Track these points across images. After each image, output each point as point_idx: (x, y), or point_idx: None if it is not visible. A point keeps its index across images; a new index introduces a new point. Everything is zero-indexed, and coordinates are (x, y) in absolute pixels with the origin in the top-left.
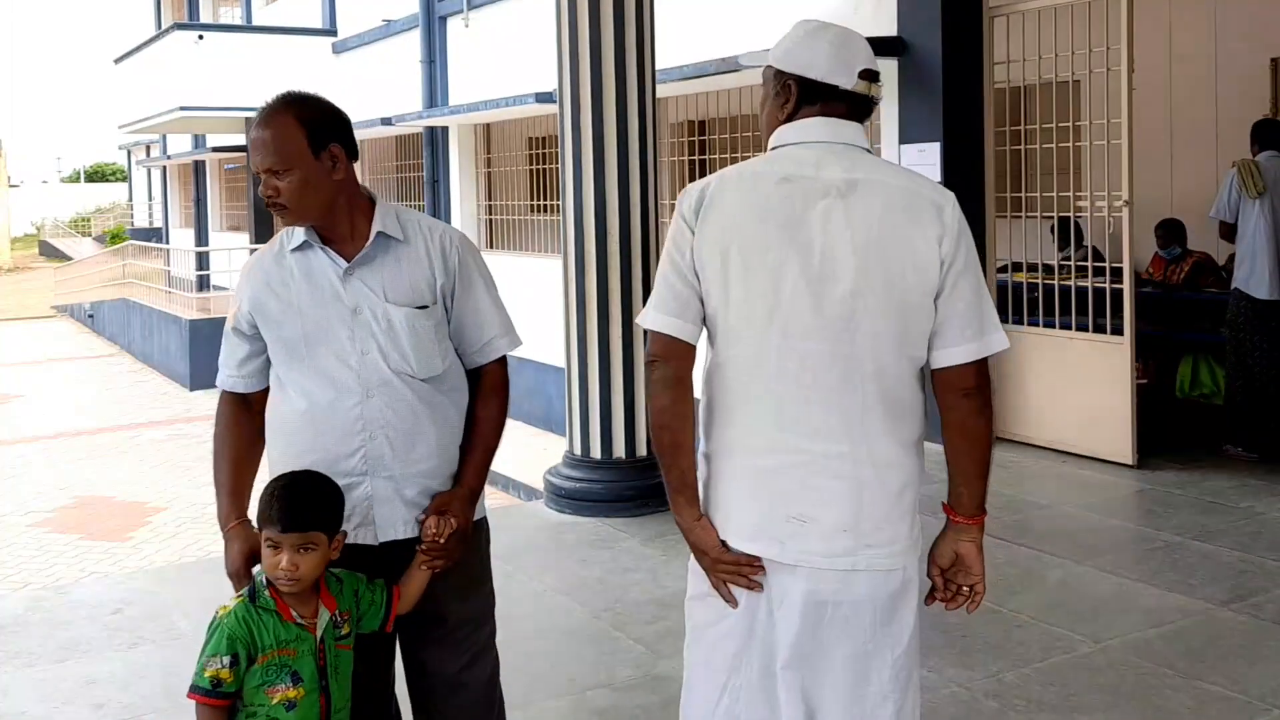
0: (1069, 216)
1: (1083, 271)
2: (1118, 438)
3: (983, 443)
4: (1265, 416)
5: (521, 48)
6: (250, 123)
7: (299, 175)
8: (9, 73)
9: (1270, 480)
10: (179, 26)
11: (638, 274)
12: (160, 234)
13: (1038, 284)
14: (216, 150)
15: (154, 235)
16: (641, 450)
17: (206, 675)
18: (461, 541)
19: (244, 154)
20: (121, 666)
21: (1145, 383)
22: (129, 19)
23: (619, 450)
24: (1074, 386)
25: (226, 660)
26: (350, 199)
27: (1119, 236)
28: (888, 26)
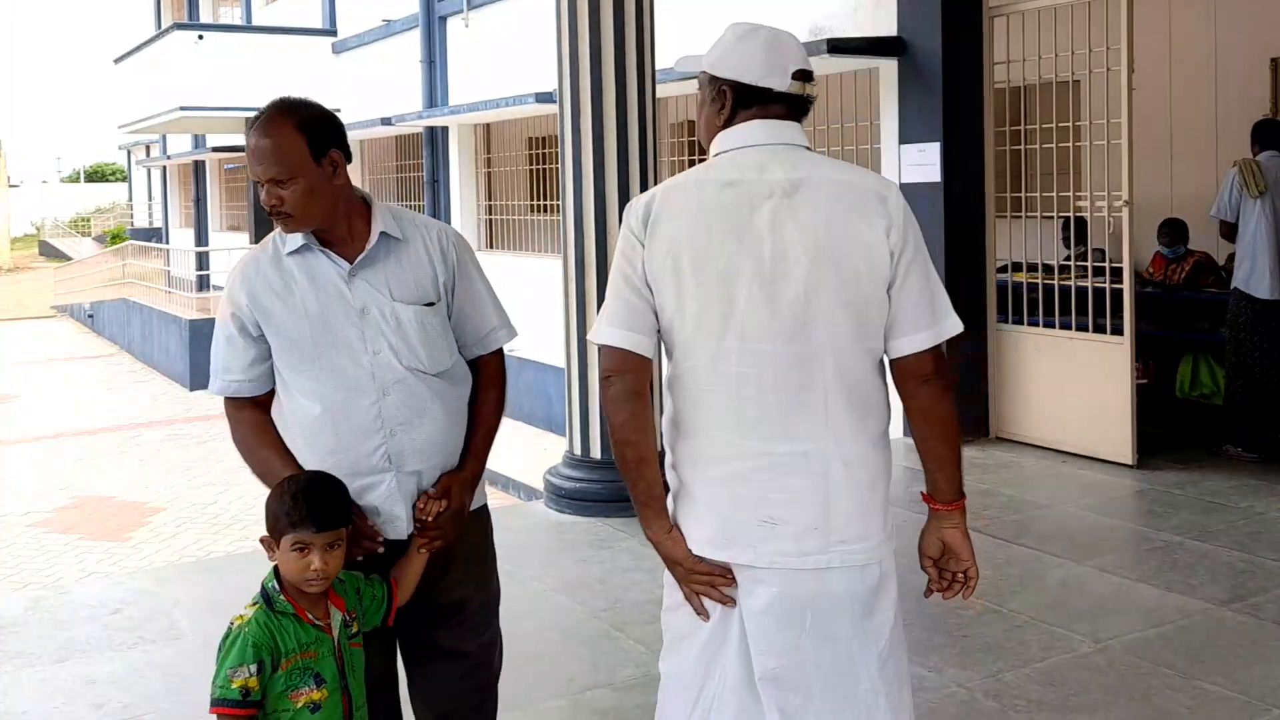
0: (1080, 216)
1: (1083, 271)
2: (1118, 438)
3: (949, 426)
4: (1265, 416)
5: (521, 48)
6: (249, 125)
7: (303, 184)
8: (9, 73)
9: (1270, 480)
10: (179, 26)
11: None
12: (160, 234)
13: (1038, 284)
14: (216, 150)
15: (154, 235)
16: None
17: (234, 686)
18: (458, 523)
19: (244, 154)
20: (121, 666)
21: (1145, 383)
22: (129, 19)
23: None
24: (1074, 386)
25: (253, 668)
26: (348, 202)
27: (1119, 236)
28: (888, 26)
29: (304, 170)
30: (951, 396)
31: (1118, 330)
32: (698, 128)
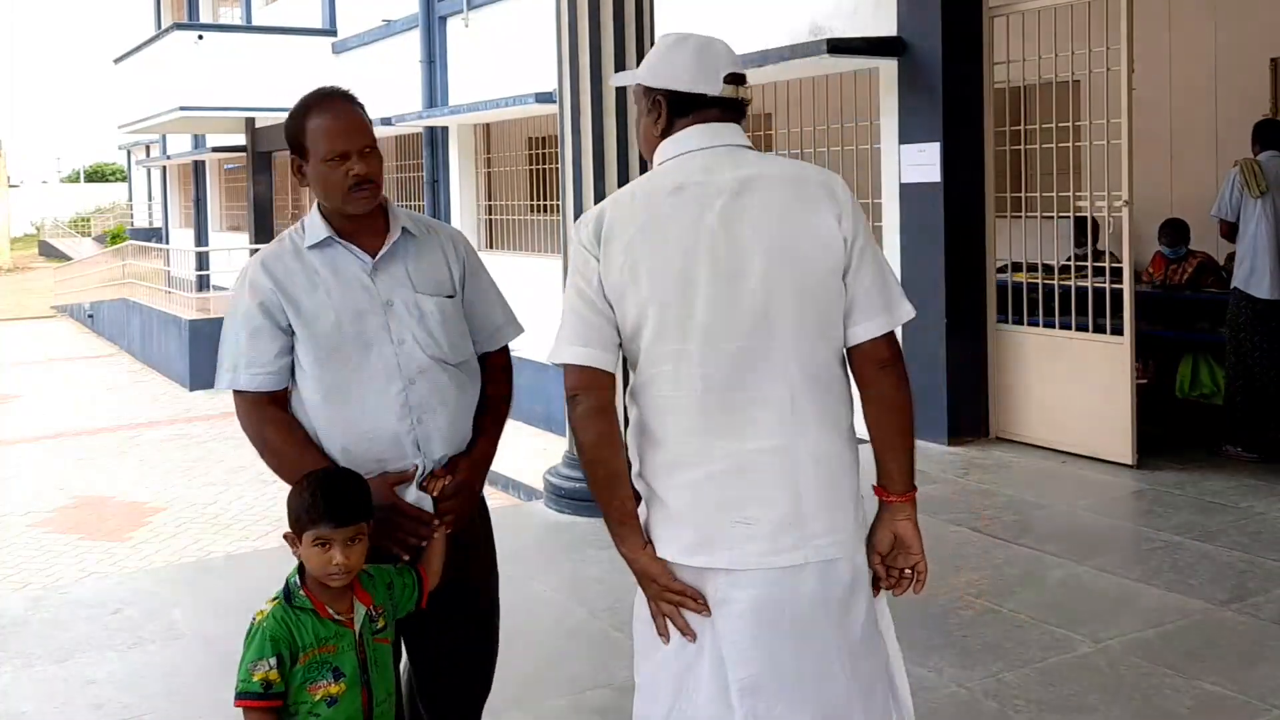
0: (1087, 216)
1: (1082, 271)
2: (1118, 438)
3: (904, 413)
4: (1265, 416)
5: (521, 48)
6: (310, 108)
7: (378, 155)
8: (9, 73)
9: (1270, 480)
10: (179, 26)
11: None
12: (160, 234)
13: (1037, 284)
14: (216, 150)
15: (154, 235)
16: None
17: (256, 679)
18: (471, 500)
19: (244, 154)
20: (121, 666)
21: (1145, 383)
22: (129, 19)
23: None
24: (1074, 386)
25: (273, 662)
26: None
27: (1119, 236)
28: (888, 26)
29: (376, 144)
30: (907, 385)
31: (1118, 330)
32: (637, 141)
